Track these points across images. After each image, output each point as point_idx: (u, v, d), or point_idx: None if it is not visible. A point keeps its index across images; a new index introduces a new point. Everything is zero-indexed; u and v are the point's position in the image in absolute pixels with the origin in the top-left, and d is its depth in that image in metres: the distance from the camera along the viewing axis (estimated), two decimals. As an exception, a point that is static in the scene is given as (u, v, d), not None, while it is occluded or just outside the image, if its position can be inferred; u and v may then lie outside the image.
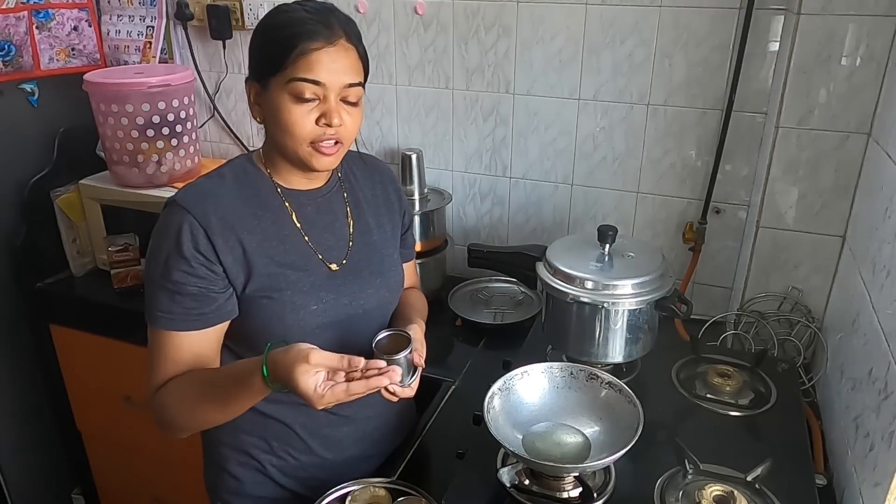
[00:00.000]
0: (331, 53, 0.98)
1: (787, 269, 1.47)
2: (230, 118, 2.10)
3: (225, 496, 1.17)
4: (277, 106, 0.99)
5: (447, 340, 1.63)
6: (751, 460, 1.06)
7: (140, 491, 2.13)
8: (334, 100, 0.99)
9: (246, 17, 1.90)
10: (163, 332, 1.01)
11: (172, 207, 1.01)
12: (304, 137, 1.00)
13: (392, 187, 1.23)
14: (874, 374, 1.07)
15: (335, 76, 0.98)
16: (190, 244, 0.98)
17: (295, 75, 0.97)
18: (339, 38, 0.99)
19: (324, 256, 1.09)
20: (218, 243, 1.00)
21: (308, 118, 0.99)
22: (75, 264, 1.96)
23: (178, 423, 1.04)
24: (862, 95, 1.30)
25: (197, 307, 1.00)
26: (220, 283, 1.01)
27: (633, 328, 1.26)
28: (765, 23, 1.44)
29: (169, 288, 0.99)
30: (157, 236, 1.02)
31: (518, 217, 1.84)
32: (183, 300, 1.00)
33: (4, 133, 1.88)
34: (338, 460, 1.16)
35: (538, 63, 1.67)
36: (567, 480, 1.05)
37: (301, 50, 0.96)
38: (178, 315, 1.00)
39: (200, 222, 0.99)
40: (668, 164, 1.63)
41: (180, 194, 1.02)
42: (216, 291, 1.01)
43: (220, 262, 1.00)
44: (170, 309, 1.00)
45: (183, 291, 0.99)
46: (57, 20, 1.93)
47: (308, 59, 0.97)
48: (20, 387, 2.07)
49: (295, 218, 1.08)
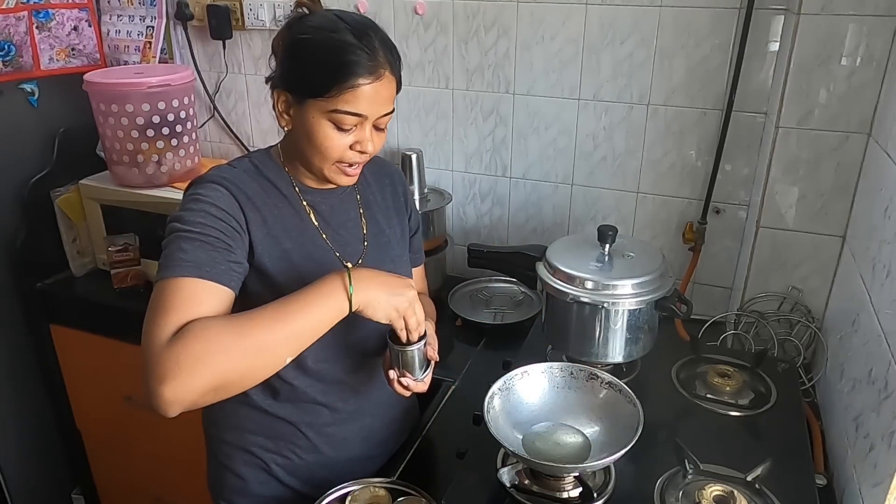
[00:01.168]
0: (376, 87, 0.98)
1: (787, 269, 1.47)
2: (230, 118, 2.10)
3: (229, 495, 1.17)
4: (314, 127, 0.99)
5: (447, 340, 1.63)
6: (751, 460, 1.06)
7: (140, 491, 2.13)
8: (370, 128, 1.01)
9: (246, 17, 1.90)
10: (182, 279, 0.91)
11: (204, 183, 1.00)
12: (334, 159, 1.01)
13: (401, 189, 1.24)
14: (874, 374, 1.07)
15: (376, 108, 0.99)
16: (226, 204, 0.98)
17: (340, 108, 0.97)
18: (385, 70, 0.98)
19: (340, 254, 1.10)
20: (249, 216, 1.01)
21: (342, 143, 1.00)
22: (75, 264, 1.96)
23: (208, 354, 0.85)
24: (862, 95, 1.30)
25: (226, 260, 0.95)
26: (244, 254, 0.99)
27: (633, 328, 1.26)
28: (765, 23, 1.44)
29: (200, 239, 0.94)
30: (187, 202, 0.99)
31: (518, 217, 1.84)
32: (214, 255, 0.94)
33: (4, 133, 1.88)
34: (343, 459, 1.16)
35: (538, 63, 1.67)
36: (567, 480, 1.05)
37: (350, 84, 0.96)
38: (204, 263, 0.92)
39: (233, 194, 1.00)
40: (668, 164, 1.63)
41: (209, 174, 1.02)
42: (239, 259, 0.98)
43: (249, 234, 1.00)
44: (196, 258, 0.92)
45: (214, 244, 0.94)
46: (57, 20, 1.93)
47: (355, 94, 0.96)
48: (20, 387, 2.06)
49: (312, 216, 1.09)
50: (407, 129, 1.87)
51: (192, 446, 1.27)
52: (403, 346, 1.00)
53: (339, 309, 0.92)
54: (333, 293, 0.92)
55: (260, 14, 1.88)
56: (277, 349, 0.90)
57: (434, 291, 1.77)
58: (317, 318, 0.91)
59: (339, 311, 0.92)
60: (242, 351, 0.87)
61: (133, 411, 1.90)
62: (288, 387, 1.09)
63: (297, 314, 0.90)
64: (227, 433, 1.14)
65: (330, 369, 1.10)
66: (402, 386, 1.03)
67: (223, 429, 1.14)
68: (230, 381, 0.88)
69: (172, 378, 0.83)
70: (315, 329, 0.92)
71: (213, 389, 0.86)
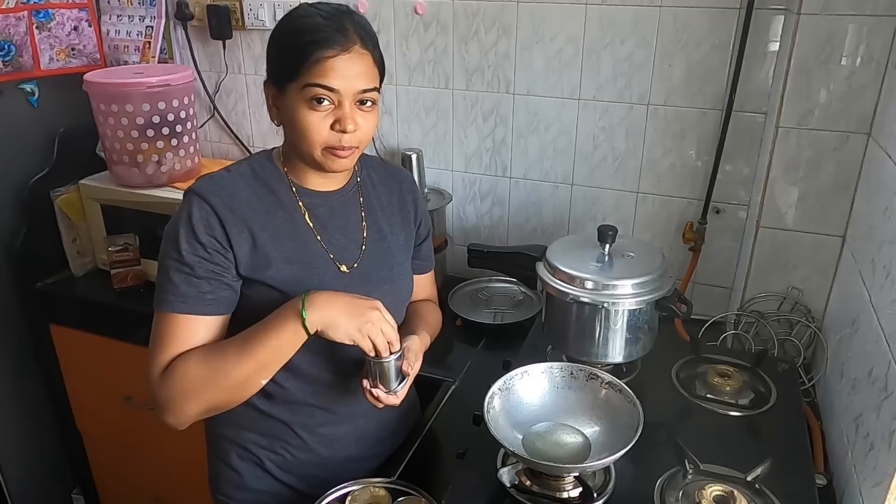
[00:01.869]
0: (345, 60, 0.98)
1: (787, 269, 1.47)
2: (230, 118, 2.10)
3: (226, 489, 1.18)
4: (294, 111, 1.00)
5: (447, 340, 1.63)
6: (751, 460, 1.06)
7: (140, 491, 2.13)
8: (349, 106, 1.00)
9: (246, 17, 1.90)
10: (174, 315, 1.00)
11: (190, 196, 1.02)
12: (319, 142, 1.01)
13: (410, 196, 1.23)
14: (874, 374, 1.07)
15: (349, 82, 0.99)
16: (205, 229, 1.00)
17: (309, 81, 0.98)
18: (354, 44, 0.99)
19: (335, 257, 1.10)
20: (232, 232, 1.01)
21: (323, 123, 1.00)
22: (75, 264, 1.96)
23: (191, 392, 0.99)
24: (862, 95, 1.30)
25: (211, 291, 1.01)
26: (231, 272, 1.02)
27: (633, 328, 1.26)
28: (765, 23, 1.44)
29: (185, 271, 1.00)
30: (174, 223, 1.02)
31: (518, 217, 1.84)
32: (199, 283, 1.00)
33: (4, 133, 1.88)
34: (337, 458, 1.16)
35: (538, 63, 1.67)
36: (567, 480, 1.05)
37: (316, 58, 0.97)
38: (191, 298, 1.00)
39: (216, 210, 1.00)
40: (667, 164, 1.63)
41: (197, 184, 1.04)
42: (228, 280, 1.02)
43: (233, 251, 1.01)
44: (184, 292, 1.00)
45: (198, 274, 1.00)
46: (57, 20, 1.93)
47: (322, 67, 0.97)
48: (20, 387, 2.07)
49: (308, 217, 1.09)
50: (407, 129, 1.87)
51: (192, 447, 1.27)
52: (376, 358, 1.01)
53: (295, 335, 0.97)
54: (288, 320, 0.97)
55: (260, 14, 1.88)
56: (249, 380, 1.00)
57: (434, 291, 1.78)
58: (277, 346, 0.98)
59: (295, 336, 0.97)
60: (217, 386, 0.98)
61: (133, 411, 1.90)
62: (281, 390, 1.09)
63: (259, 346, 0.98)
64: (225, 428, 1.16)
65: (322, 373, 1.11)
66: (373, 396, 1.04)
67: (221, 424, 1.15)
68: (218, 406, 1.02)
69: (170, 410, 1.00)
70: (279, 356, 0.99)
71: (206, 412, 1.02)
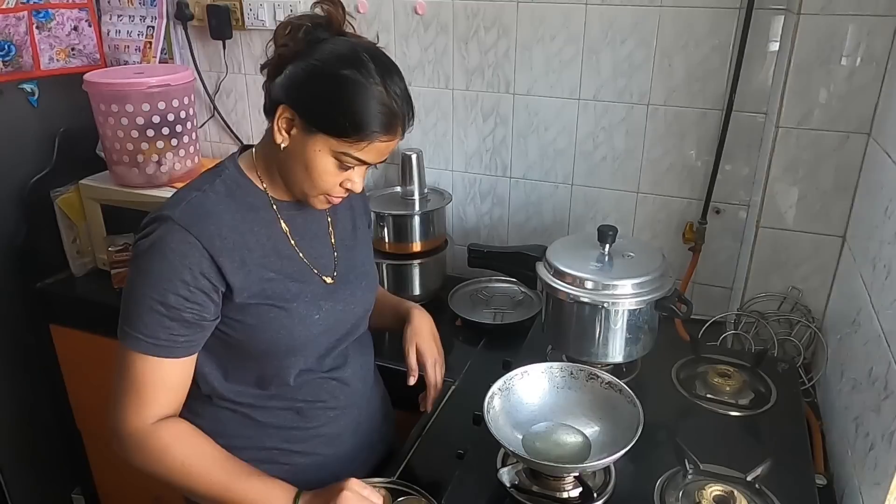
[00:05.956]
0: (390, 144, 0.99)
1: (787, 268, 1.47)
2: (230, 118, 2.10)
3: None
4: (315, 159, 0.97)
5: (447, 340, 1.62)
6: (751, 460, 1.06)
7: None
8: (365, 170, 1.02)
9: (246, 17, 1.90)
10: (143, 356, 0.97)
11: (170, 225, 0.94)
12: (323, 190, 1.01)
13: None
14: (874, 374, 1.07)
15: (382, 158, 1.01)
16: (194, 268, 0.94)
17: (349, 153, 0.96)
18: (402, 128, 0.99)
19: (318, 270, 1.10)
20: (225, 265, 0.96)
21: (336, 179, 1.00)
22: (75, 264, 1.96)
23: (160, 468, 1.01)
24: (862, 95, 1.30)
25: (186, 335, 0.97)
26: (213, 310, 0.98)
27: (633, 328, 1.26)
28: (765, 23, 1.44)
29: (161, 312, 0.94)
30: (150, 253, 0.94)
31: (518, 217, 1.84)
32: (173, 326, 0.95)
33: (4, 133, 1.88)
34: (338, 454, 1.17)
35: (538, 63, 1.67)
36: (567, 480, 1.05)
37: (371, 139, 0.95)
38: (163, 341, 0.96)
39: (205, 245, 0.95)
40: (667, 164, 1.63)
41: (177, 213, 0.95)
42: (208, 320, 0.98)
43: (227, 282, 0.97)
44: (155, 334, 0.95)
45: (176, 317, 0.95)
46: (57, 20, 1.93)
47: (373, 147, 0.97)
48: (20, 387, 2.06)
49: (289, 234, 1.07)
50: (407, 129, 1.87)
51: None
52: None
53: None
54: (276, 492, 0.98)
55: (260, 14, 1.88)
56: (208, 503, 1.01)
57: (434, 291, 1.78)
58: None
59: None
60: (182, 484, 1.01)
61: (133, 411, 1.89)
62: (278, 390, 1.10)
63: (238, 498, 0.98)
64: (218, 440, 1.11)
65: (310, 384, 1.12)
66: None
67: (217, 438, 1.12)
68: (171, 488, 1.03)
69: (129, 458, 1.02)
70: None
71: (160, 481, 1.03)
